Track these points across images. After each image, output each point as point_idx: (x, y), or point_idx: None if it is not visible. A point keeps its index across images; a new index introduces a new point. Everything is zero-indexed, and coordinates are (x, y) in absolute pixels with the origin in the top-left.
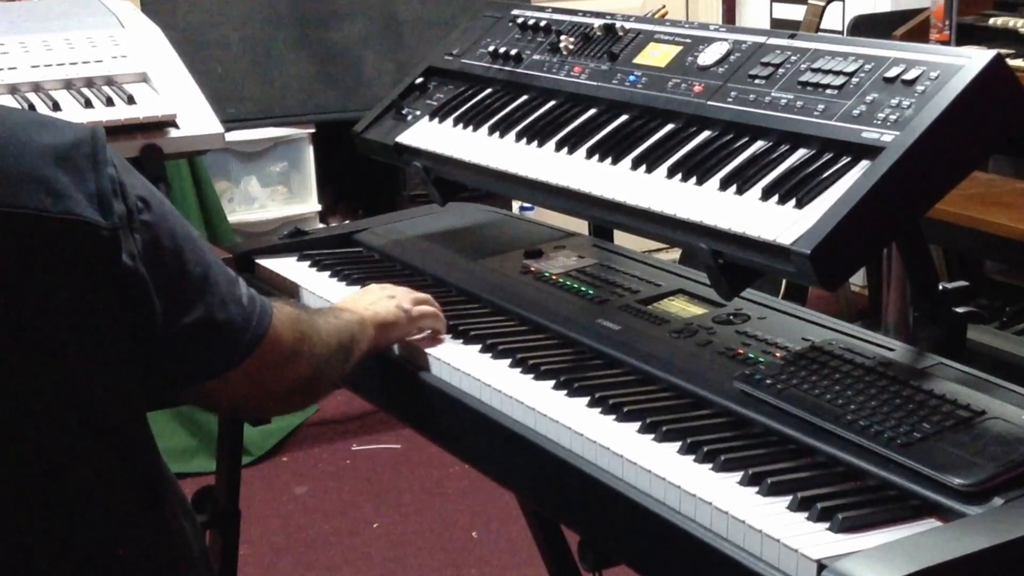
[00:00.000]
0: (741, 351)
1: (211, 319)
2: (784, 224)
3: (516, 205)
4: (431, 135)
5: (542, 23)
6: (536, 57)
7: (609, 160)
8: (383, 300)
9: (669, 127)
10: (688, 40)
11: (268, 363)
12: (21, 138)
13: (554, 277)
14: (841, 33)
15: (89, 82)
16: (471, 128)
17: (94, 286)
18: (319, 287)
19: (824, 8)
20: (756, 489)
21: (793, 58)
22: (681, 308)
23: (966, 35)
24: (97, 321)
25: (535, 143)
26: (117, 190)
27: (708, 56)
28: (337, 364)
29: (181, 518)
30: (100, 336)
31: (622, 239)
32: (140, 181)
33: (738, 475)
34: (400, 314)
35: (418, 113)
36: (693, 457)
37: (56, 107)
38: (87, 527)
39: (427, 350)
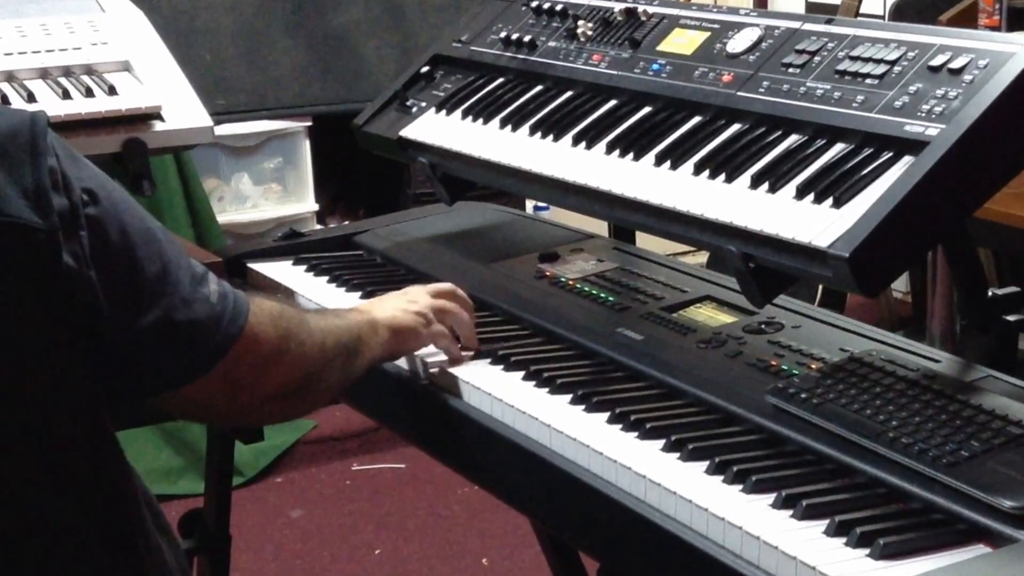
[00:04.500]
0: (774, 363)
1: (170, 320)
2: (820, 225)
3: (530, 204)
4: (438, 129)
5: (558, 7)
6: (552, 44)
7: (631, 156)
8: (402, 303)
9: (696, 120)
10: (716, 26)
11: (247, 365)
12: None
13: (571, 283)
14: (882, 18)
15: (67, 71)
16: (481, 121)
17: (34, 292)
18: (316, 293)
19: None
20: (790, 512)
21: (830, 45)
22: (709, 316)
23: (1018, 20)
24: (41, 330)
25: (550, 137)
26: (59, 182)
27: (738, 43)
28: (336, 367)
29: (161, 546)
30: (45, 346)
31: (644, 241)
32: (89, 171)
33: (770, 497)
34: (420, 319)
35: (424, 105)
36: (722, 477)
37: (31, 98)
38: (46, 561)
39: (431, 360)
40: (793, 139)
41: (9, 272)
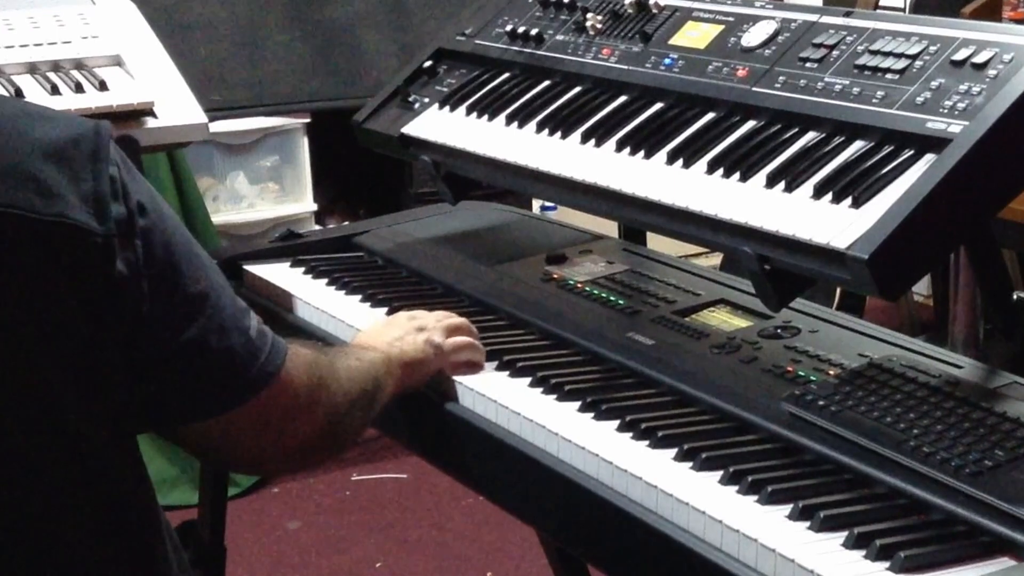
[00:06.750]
0: (790, 369)
1: (205, 345)
2: (839, 226)
3: (537, 204)
4: (441, 125)
5: None
6: (559, 38)
7: (641, 153)
8: (411, 334)
9: (709, 116)
10: (731, 18)
11: (278, 410)
12: (16, 131)
13: (579, 285)
14: (903, 11)
15: (56, 66)
16: (486, 117)
17: (85, 297)
18: (314, 297)
19: None
20: (807, 524)
21: (849, 39)
22: (723, 320)
23: None
24: (85, 336)
25: (558, 134)
26: (118, 191)
27: (753, 36)
28: (358, 414)
29: (170, 554)
30: (87, 353)
31: (656, 242)
32: (142, 184)
33: (787, 508)
34: (429, 350)
35: (426, 101)
36: (736, 488)
37: (19, 93)
38: (61, 564)
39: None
40: (810, 136)
41: (63, 274)
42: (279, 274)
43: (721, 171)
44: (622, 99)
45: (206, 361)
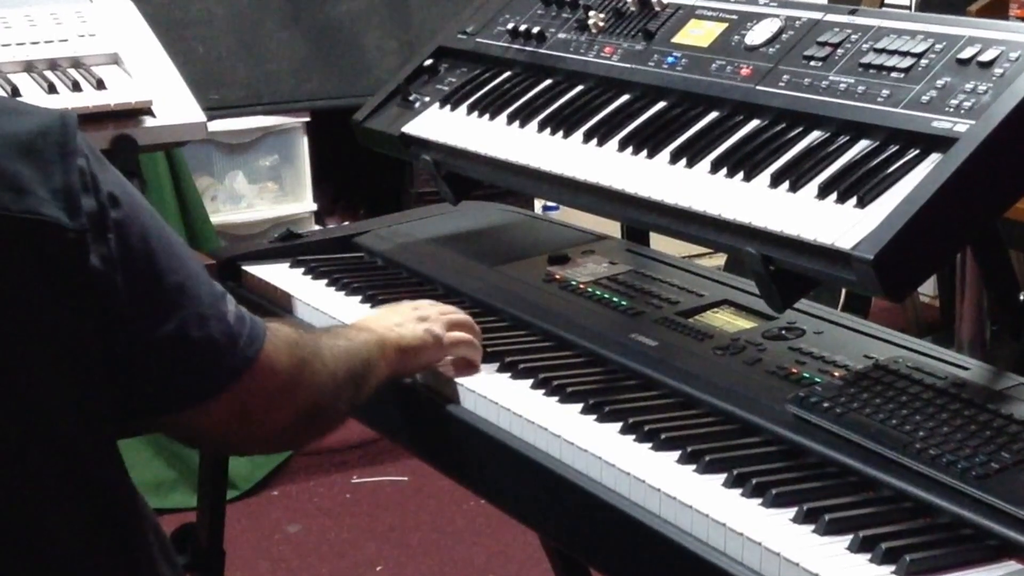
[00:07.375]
0: (795, 370)
1: (185, 335)
2: (843, 226)
3: (539, 204)
4: (442, 125)
5: None
6: (561, 36)
7: (644, 153)
8: (411, 321)
9: (713, 115)
10: (734, 16)
11: (259, 393)
12: None
13: (582, 286)
14: (909, 8)
15: (53, 64)
16: (487, 117)
17: (59, 293)
18: (314, 298)
19: None
20: (812, 527)
21: (854, 37)
22: (726, 321)
23: None
24: (62, 333)
25: (560, 133)
26: (88, 183)
27: (757, 35)
28: (345, 395)
29: (159, 561)
30: (64, 350)
31: (659, 243)
32: (113, 175)
33: (791, 511)
34: (428, 339)
35: (427, 99)
36: (740, 491)
37: (15, 92)
38: (42, 566)
39: (437, 369)
40: (815, 135)
41: (35, 271)
42: (279, 275)
43: (725, 171)
44: (624, 98)
45: (186, 351)
